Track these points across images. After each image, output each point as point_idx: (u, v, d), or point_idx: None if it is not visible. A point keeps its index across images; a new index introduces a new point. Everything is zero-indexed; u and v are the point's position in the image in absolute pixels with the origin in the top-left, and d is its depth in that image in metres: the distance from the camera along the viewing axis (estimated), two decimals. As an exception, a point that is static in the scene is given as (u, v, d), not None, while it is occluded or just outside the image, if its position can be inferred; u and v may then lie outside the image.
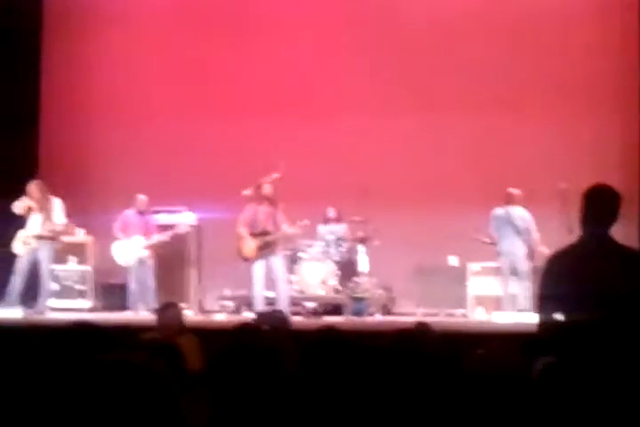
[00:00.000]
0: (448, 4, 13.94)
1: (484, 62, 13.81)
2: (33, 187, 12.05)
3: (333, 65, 14.26)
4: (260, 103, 14.31)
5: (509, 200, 12.16)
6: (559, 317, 4.82)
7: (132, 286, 12.60)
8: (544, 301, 4.92)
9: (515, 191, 12.15)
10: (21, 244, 11.98)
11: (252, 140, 14.10)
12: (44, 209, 12.01)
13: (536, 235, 11.92)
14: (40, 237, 11.97)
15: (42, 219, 11.98)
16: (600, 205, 4.90)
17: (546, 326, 4.86)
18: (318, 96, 14.26)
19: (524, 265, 11.83)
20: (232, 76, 14.45)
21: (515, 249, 11.98)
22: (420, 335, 4.28)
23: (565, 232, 10.00)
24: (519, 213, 12.07)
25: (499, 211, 12.17)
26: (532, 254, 11.88)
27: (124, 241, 12.63)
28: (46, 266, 12.06)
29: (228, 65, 14.45)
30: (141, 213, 12.80)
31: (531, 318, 5.11)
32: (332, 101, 14.21)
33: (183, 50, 14.49)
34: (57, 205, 12.10)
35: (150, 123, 14.56)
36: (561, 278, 4.82)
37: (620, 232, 5.21)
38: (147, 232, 12.69)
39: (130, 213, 12.80)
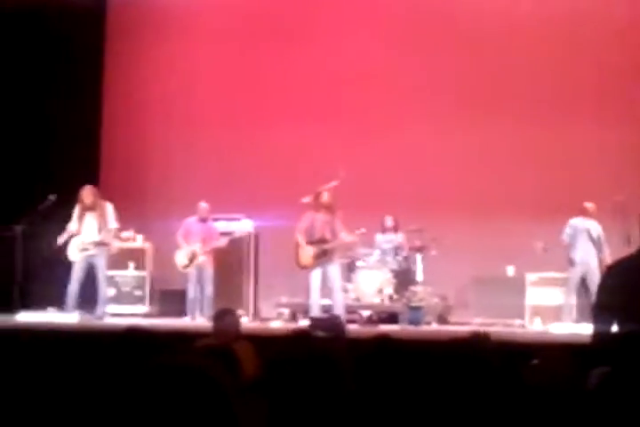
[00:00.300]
0: (479, 11, 13.88)
1: (542, 66, 13.74)
2: (86, 192, 12.12)
3: (391, 72, 14.25)
4: (319, 111, 14.36)
5: (585, 213, 12.17)
6: (614, 328, 4.78)
7: (191, 292, 12.67)
8: (600, 311, 4.89)
9: (589, 205, 12.15)
10: (77, 250, 12.06)
11: (310, 148, 14.14)
12: (100, 215, 12.09)
13: (607, 249, 11.85)
14: (97, 244, 12.07)
15: (97, 224, 12.07)
16: None
17: (600, 337, 4.82)
18: (377, 104, 14.26)
19: (596, 277, 11.70)
20: (291, 84, 14.52)
21: (590, 259, 11.92)
22: (475, 344, 4.26)
23: (623, 244, 9.93)
24: (595, 226, 12.07)
25: (576, 220, 12.17)
26: (601, 268, 11.79)
27: (186, 248, 12.70)
28: (103, 272, 12.16)
29: (285, 73, 14.51)
30: (203, 220, 12.85)
31: (588, 330, 5.05)
32: (390, 109, 14.20)
33: (239, 59, 14.58)
34: (109, 209, 12.17)
35: (208, 131, 14.67)
36: (618, 290, 4.78)
37: None
38: (208, 239, 12.74)
39: (192, 221, 12.87)
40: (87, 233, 12.07)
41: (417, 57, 14.14)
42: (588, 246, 12.08)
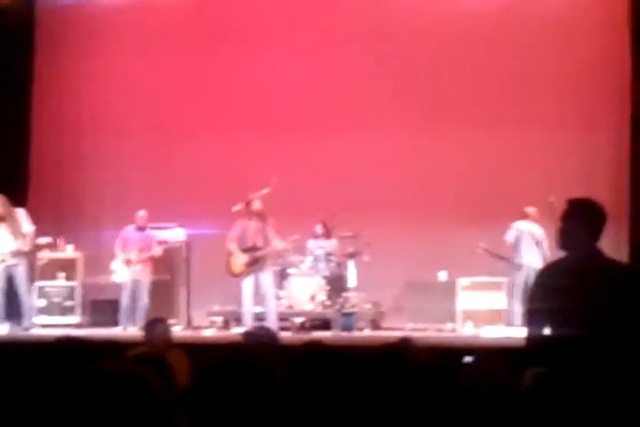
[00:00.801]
0: (446, 18, 13.89)
1: (478, 78, 13.83)
2: None
3: (324, 80, 14.26)
4: (249, 119, 14.32)
5: (527, 216, 12.36)
6: (547, 331, 4.82)
7: (124, 301, 12.55)
8: (533, 315, 4.92)
9: (531, 209, 12.33)
10: None
11: (242, 156, 14.10)
12: (13, 223, 11.81)
13: (548, 252, 11.98)
14: (15, 253, 11.79)
15: (11, 233, 11.79)
16: (589, 219, 4.89)
17: (533, 341, 4.86)
18: (308, 111, 14.26)
19: None
20: (222, 92, 14.45)
21: (535, 263, 11.96)
22: (401, 349, 4.30)
23: (555, 246, 10.05)
24: (537, 229, 12.23)
25: (520, 223, 12.32)
26: None
27: (121, 256, 12.58)
28: (24, 282, 11.90)
29: (217, 80, 14.45)
30: (141, 228, 12.75)
31: (520, 333, 5.09)
32: (321, 116, 14.22)
33: (174, 67, 14.48)
34: (22, 214, 11.92)
35: (139, 140, 14.58)
36: (550, 293, 4.81)
37: (610, 248, 5.24)
38: (146, 248, 12.65)
39: (129, 229, 12.76)
40: (2, 244, 11.78)
41: (348, 64, 14.17)
42: (533, 250, 12.24)
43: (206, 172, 14.20)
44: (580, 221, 4.89)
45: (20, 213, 11.90)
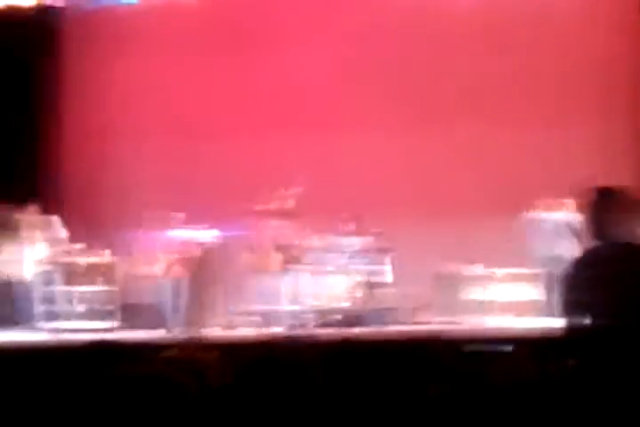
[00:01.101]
0: (445, 16, 13.87)
1: (484, 73, 13.82)
2: (30, 210, 12.04)
3: (350, 79, 14.29)
4: (280, 118, 14.37)
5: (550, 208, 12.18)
6: (584, 321, 4.81)
7: (167, 305, 12.62)
8: (569, 305, 4.91)
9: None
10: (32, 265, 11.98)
11: (273, 156, 14.14)
12: (46, 230, 12.02)
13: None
14: (50, 260, 12.07)
15: (45, 241, 12.10)
16: (619, 207, 4.88)
17: (571, 331, 4.85)
18: (338, 110, 14.29)
19: None
20: (251, 91, 14.50)
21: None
22: (429, 344, 4.33)
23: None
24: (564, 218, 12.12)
25: (544, 215, 12.23)
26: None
27: (161, 260, 12.64)
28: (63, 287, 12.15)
29: (236, 82, 14.49)
30: (175, 231, 12.81)
31: (557, 323, 5.09)
32: (352, 115, 14.24)
33: (190, 70, 14.51)
34: (55, 221, 12.13)
35: (171, 139, 14.64)
36: (584, 282, 4.80)
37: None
38: (181, 250, 12.71)
39: (164, 232, 12.83)
40: (37, 251, 12.05)
41: (370, 63, 14.19)
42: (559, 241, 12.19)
43: (236, 172, 14.24)
44: (609, 209, 4.88)
45: (54, 221, 12.05)
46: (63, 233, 11.96)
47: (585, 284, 4.80)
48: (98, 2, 12.93)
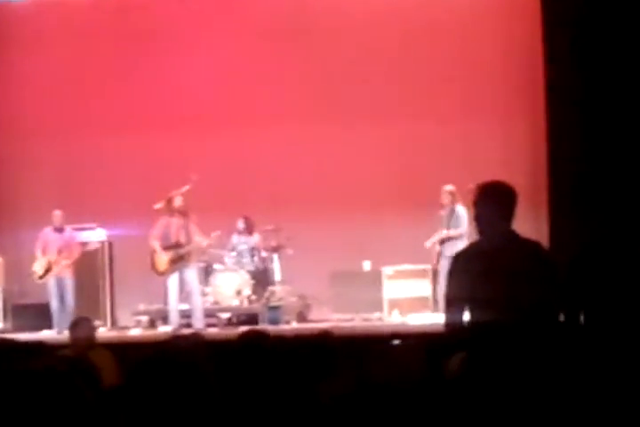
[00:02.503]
0: (361, 13, 13.90)
1: (397, 69, 13.91)
2: None
3: (239, 77, 14.22)
4: (168, 115, 14.23)
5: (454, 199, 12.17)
6: (465, 316, 4.84)
7: (54, 304, 12.39)
8: (450, 300, 4.94)
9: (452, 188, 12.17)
10: None
11: (160, 154, 14.02)
12: None
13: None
14: None
15: None
16: (497, 201, 4.91)
17: (452, 326, 4.88)
18: (224, 107, 14.21)
19: None
20: (140, 89, 14.32)
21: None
22: (322, 341, 4.33)
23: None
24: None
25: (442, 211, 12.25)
26: None
27: (41, 259, 12.43)
28: None
29: (134, 78, 14.31)
30: (59, 229, 12.59)
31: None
32: (237, 112, 14.17)
33: (83, 66, 14.30)
34: None
35: (59, 138, 14.40)
36: (466, 277, 4.83)
37: (530, 234, 5.28)
38: (66, 248, 12.49)
39: (47, 231, 12.61)
40: None
41: (263, 57, 14.14)
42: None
43: (125, 170, 14.08)
44: (489, 204, 4.91)
45: None
46: None
47: (465, 278, 4.82)
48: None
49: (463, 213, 11.88)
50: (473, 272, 4.79)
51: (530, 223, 13.01)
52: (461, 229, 11.76)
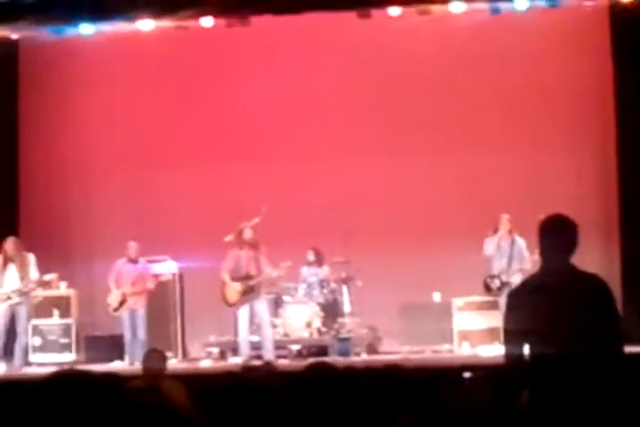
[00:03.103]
0: (427, 43, 13.85)
1: (467, 101, 13.90)
2: (8, 243, 12.19)
3: (311, 110, 14.32)
4: (239, 149, 14.37)
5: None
6: (525, 350, 4.82)
7: (127, 336, 12.47)
8: (509, 334, 4.92)
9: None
10: (0, 301, 12.06)
11: (230, 187, 14.13)
12: (21, 265, 12.13)
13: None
14: (21, 293, 12.05)
15: (19, 274, 12.12)
16: (555, 234, 4.89)
17: (512, 360, 4.86)
18: (298, 140, 14.30)
19: None
20: (213, 123, 14.47)
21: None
22: (390, 373, 4.33)
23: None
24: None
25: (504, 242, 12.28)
26: None
27: (115, 291, 12.56)
28: (24, 321, 12.24)
29: (203, 111, 14.47)
30: (133, 260, 12.70)
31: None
32: (306, 144, 14.26)
33: (155, 101, 14.49)
34: (31, 259, 12.24)
35: (128, 172, 14.59)
36: (524, 310, 4.82)
37: (603, 266, 5.24)
38: (139, 280, 12.59)
39: (121, 262, 12.71)
40: (9, 283, 12.12)
41: (335, 91, 14.23)
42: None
43: (196, 203, 14.22)
44: (549, 237, 4.92)
45: (30, 258, 12.20)
46: (35, 273, 12.15)
47: (524, 312, 4.81)
48: (54, 34, 12.84)
49: (523, 244, 11.99)
50: (531, 306, 4.77)
51: (601, 255, 12.91)
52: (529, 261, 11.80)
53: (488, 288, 12.26)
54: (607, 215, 13.28)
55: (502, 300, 11.97)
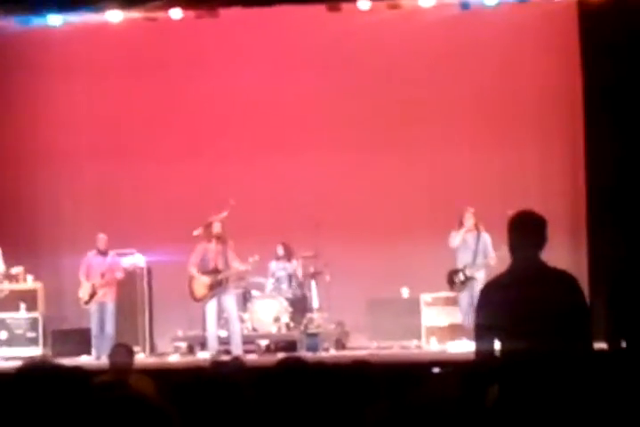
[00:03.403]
0: (396, 42, 13.89)
1: (434, 97, 13.91)
2: None
3: (279, 103, 14.29)
4: (207, 142, 14.32)
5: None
6: (495, 345, 4.84)
7: (94, 330, 12.43)
8: (480, 329, 4.94)
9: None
10: None
11: (199, 180, 14.08)
12: None
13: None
14: None
15: None
16: (524, 231, 4.90)
17: (483, 355, 4.88)
18: (266, 133, 14.25)
19: None
20: (181, 115, 14.41)
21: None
22: (357, 370, 4.34)
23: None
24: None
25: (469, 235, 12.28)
26: None
27: (85, 284, 12.48)
28: None
29: (172, 104, 14.40)
30: (102, 252, 12.62)
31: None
32: (279, 138, 14.21)
33: (122, 94, 14.40)
34: None
35: (97, 166, 14.49)
36: (494, 306, 4.83)
37: (570, 262, 5.26)
38: (109, 272, 12.52)
39: (91, 255, 12.65)
40: None
41: (307, 84, 14.20)
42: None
43: (163, 196, 14.15)
44: (518, 233, 4.93)
45: None
46: (1, 266, 12.07)
47: (494, 307, 4.83)
48: (22, 25, 12.74)
49: (489, 239, 12.00)
50: (502, 301, 4.79)
51: (569, 251, 12.97)
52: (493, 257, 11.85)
53: (452, 282, 12.23)
54: (575, 211, 13.34)
55: (463, 295, 12.06)
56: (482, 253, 12.13)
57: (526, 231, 4.89)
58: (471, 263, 12.12)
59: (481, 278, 11.73)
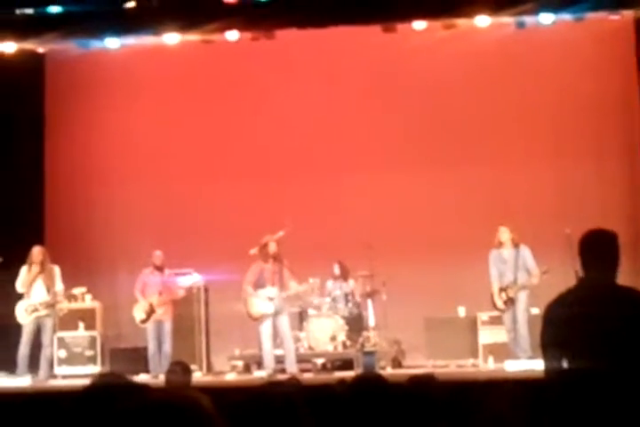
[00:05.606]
0: (448, 57, 13.85)
1: (489, 115, 13.91)
2: (36, 253, 12.20)
3: (334, 124, 14.34)
4: (263, 163, 14.40)
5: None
6: (564, 364, 4.79)
7: (151, 348, 12.41)
8: (547, 348, 4.90)
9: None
10: (27, 313, 12.08)
11: (256, 200, 14.15)
12: (48, 277, 12.18)
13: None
14: (48, 305, 12.14)
15: (45, 286, 12.18)
16: (597, 250, 4.87)
17: (552, 374, 4.83)
18: (320, 154, 14.33)
19: None
20: (237, 136, 14.53)
21: None
22: (417, 386, 4.30)
23: (574, 277, 10.02)
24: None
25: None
26: None
27: (142, 302, 12.54)
28: (50, 333, 12.28)
29: (232, 125, 14.53)
30: (159, 269, 12.65)
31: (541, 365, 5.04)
32: (334, 159, 14.29)
33: (181, 116, 14.56)
34: (57, 271, 12.27)
35: (154, 185, 14.62)
36: (562, 325, 4.79)
37: (627, 278, 5.20)
38: (166, 290, 12.52)
39: (147, 272, 12.67)
40: (36, 295, 12.18)
41: (355, 107, 14.25)
42: None
43: (221, 216, 14.24)
44: (593, 253, 4.89)
45: (56, 270, 12.24)
46: (60, 285, 12.21)
47: (562, 325, 4.78)
48: (80, 47, 12.91)
49: (529, 253, 11.89)
50: (571, 319, 4.74)
51: (626, 267, 12.80)
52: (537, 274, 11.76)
53: (495, 305, 12.12)
54: (635, 226, 13.19)
55: (506, 316, 11.97)
56: (522, 269, 11.97)
57: (599, 249, 4.86)
58: (512, 283, 11.98)
59: (523, 298, 11.72)
